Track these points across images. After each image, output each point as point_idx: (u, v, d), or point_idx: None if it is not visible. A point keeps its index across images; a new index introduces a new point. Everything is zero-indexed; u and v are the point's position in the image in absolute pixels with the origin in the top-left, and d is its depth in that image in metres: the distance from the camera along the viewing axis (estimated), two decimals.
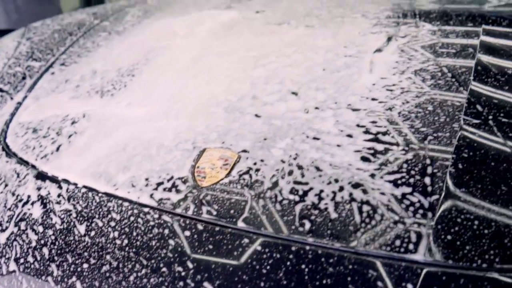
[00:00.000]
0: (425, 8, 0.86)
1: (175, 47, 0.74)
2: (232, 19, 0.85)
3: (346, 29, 0.74)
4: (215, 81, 0.60)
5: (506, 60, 0.59)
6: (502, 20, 0.76)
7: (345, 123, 0.49)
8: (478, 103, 0.50)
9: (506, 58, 0.60)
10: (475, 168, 0.42)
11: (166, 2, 1.18)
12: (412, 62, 0.60)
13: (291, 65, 0.62)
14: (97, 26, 0.96)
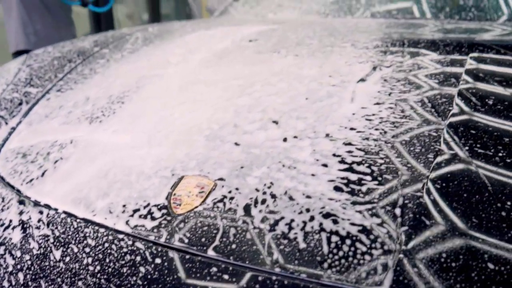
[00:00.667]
0: (414, 37, 0.87)
1: (166, 76, 0.76)
2: (225, 47, 0.88)
3: (334, 58, 0.75)
4: (200, 110, 0.62)
5: (490, 89, 0.60)
6: (494, 48, 0.76)
7: (321, 152, 0.50)
8: (455, 134, 0.50)
9: (490, 87, 0.60)
10: (447, 200, 0.42)
11: (166, 29, 1.21)
12: (394, 92, 0.60)
13: (275, 94, 0.63)
14: (96, 54, 0.99)
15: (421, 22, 1.17)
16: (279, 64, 0.75)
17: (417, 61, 0.71)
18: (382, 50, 0.78)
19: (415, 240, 0.39)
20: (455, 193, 0.42)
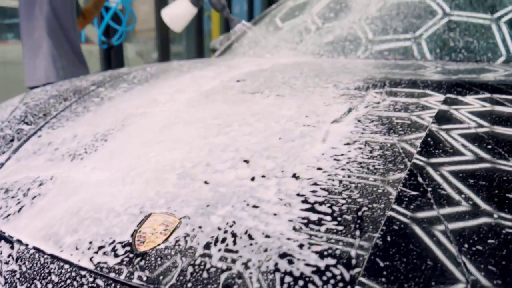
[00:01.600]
0: (396, 78, 0.89)
1: (150, 114, 0.79)
2: (213, 87, 0.91)
3: (313, 99, 0.77)
4: (176, 148, 0.64)
5: (461, 132, 0.60)
6: (473, 89, 0.78)
7: (286, 192, 0.51)
8: (418, 175, 0.51)
9: (461, 129, 0.61)
10: (402, 244, 0.42)
11: (163, 69, 1.26)
12: (365, 133, 0.62)
13: (250, 133, 0.65)
14: (92, 92, 1.03)
15: (411, 63, 1.20)
16: (260, 104, 0.77)
17: (393, 102, 0.73)
18: (362, 91, 0.80)
19: (370, 283, 0.39)
20: (409, 236, 0.43)
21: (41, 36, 1.87)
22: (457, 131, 0.61)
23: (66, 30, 1.95)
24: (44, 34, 1.86)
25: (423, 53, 1.35)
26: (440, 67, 1.11)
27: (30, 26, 1.87)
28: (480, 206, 0.45)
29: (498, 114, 0.66)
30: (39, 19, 1.86)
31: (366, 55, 1.40)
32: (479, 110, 0.68)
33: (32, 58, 1.91)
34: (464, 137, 0.59)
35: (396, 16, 1.52)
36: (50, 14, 1.86)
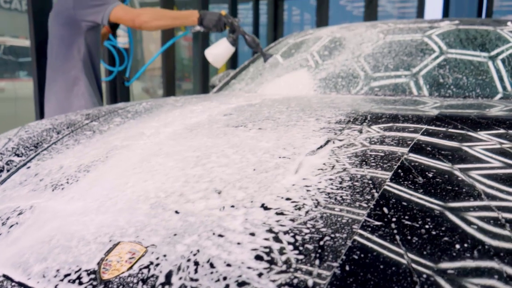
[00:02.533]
0: (379, 112, 0.91)
1: (134, 147, 0.81)
2: (199, 121, 0.93)
3: (294, 132, 0.79)
4: (153, 179, 0.65)
5: (430, 163, 0.61)
6: (452, 123, 0.79)
7: (252, 221, 0.51)
8: (384, 206, 0.51)
9: (430, 161, 0.62)
10: (359, 274, 0.42)
11: (158, 104, 1.29)
12: (337, 165, 0.63)
13: (226, 165, 0.66)
14: (85, 126, 1.07)
15: (400, 99, 1.22)
16: (241, 137, 0.79)
17: (370, 135, 0.74)
18: (342, 124, 0.82)
19: None
20: (369, 266, 0.43)
21: (78, 75, 1.98)
22: (428, 164, 0.61)
23: (96, 68, 2.07)
24: (81, 73, 1.98)
25: (418, 90, 1.38)
26: (429, 103, 1.13)
27: (66, 66, 1.97)
28: (441, 238, 0.46)
29: (469, 147, 0.67)
30: (77, 59, 1.97)
31: (362, 91, 1.43)
32: (452, 144, 0.69)
33: (67, 96, 2.00)
34: (434, 171, 0.60)
35: (390, 54, 1.56)
36: (86, 55, 1.98)
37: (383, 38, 1.71)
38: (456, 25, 1.69)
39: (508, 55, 1.48)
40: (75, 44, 1.98)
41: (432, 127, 0.77)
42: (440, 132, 0.75)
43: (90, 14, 1.93)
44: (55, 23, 1.99)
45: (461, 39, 1.60)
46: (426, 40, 1.61)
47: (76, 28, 1.95)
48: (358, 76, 1.51)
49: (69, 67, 1.99)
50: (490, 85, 1.37)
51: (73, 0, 1.91)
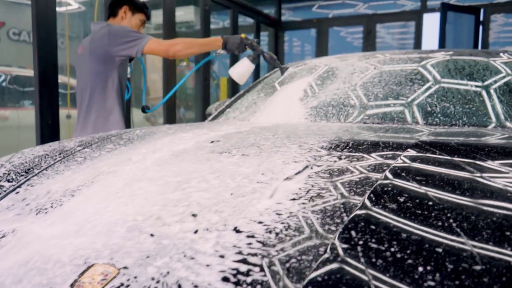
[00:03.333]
0: (362, 139, 0.93)
1: (119, 172, 0.83)
2: (185, 148, 0.96)
3: (275, 157, 0.81)
4: (133, 203, 0.67)
5: (403, 189, 0.63)
6: (432, 150, 0.81)
7: (223, 244, 0.53)
8: (352, 230, 0.53)
9: (403, 187, 0.63)
10: None
11: (151, 131, 1.32)
12: (312, 190, 0.64)
13: (205, 189, 0.68)
14: (77, 152, 1.09)
15: (388, 126, 1.25)
16: (224, 162, 0.81)
17: (349, 160, 0.76)
18: (323, 151, 0.84)
19: None
20: None
21: (113, 105, 2.16)
22: (401, 190, 0.63)
23: (123, 97, 2.25)
24: (115, 102, 2.16)
25: (411, 118, 1.40)
26: (417, 130, 1.15)
27: (103, 97, 2.15)
28: (404, 262, 0.47)
29: (444, 175, 0.69)
30: (112, 90, 2.16)
31: (353, 119, 1.46)
32: (428, 169, 0.71)
33: (104, 124, 2.17)
34: (405, 195, 0.61)
35: (381, 83, 1.60)
36: (118, 85, 2.17)
37: (374, 68, 1.75)
38: (450, 56, 1.73)
39: (500, 85, 1.51)
40: (110, 77, 2.14)
41: (411, 153, 0.79)
42: (417, 158, 0.76)
43: (125, 50, 2.10)
44: (91, 60, 2.15)
45: (454, 69, 1.63)
46: (420, 69, 1.65)
47: (111, 63, 2.13)
48: (349, 104, 1.54)
49: (105, 98, 2.14)
50: (483, 114, 1.40)
51: (108, 38, 2.08)
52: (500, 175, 0.67)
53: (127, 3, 2.27)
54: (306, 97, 1.69)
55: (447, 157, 0.77)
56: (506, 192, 0.60)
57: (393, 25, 7.67)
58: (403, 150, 0.82)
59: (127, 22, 2.26)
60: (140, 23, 2.31)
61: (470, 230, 0.51)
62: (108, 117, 2.17)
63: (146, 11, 2.33)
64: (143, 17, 2.31)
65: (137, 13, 2.29)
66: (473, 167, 0.71)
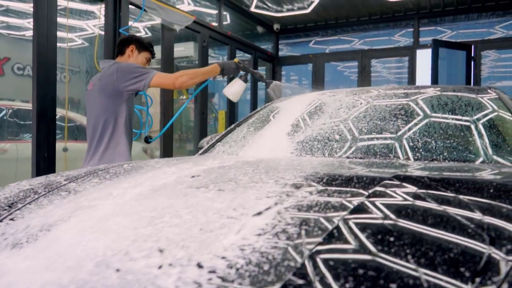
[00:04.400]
0: (338, 173, 0.96)
1: (98, 207, 0.85)
2: (166, 183, 0.98)
3: (249, 193, 0.83)
4: (105, 238, 0.68)
5: (365, 224, 0.65)
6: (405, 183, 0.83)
7: (184, 279, 0.54)
8: (310, 266, 0.54)
9: (365, 222, 0.65)
10: None
11: (138, 165, 1.35)
12: (278, 225, 0.66)
13: (176, 225, 0.70)
14: (63, 187, 1.11)
15: (370, 161, 1.27)
16: (199, 197, 0.83)
17: (319, 196, 0.78)
18: (297, 186, 0.86)
19: None
20: None
21: (121, 136, 2.32)
22: (364, 226, 0.65)
23: (131, 129, 2.42)
24: (123, 134, 2.33)
25: (394, 153, 1.43)
26: (398, 165, 1.17)
27: (111, 130, 2.32)
28: None
29: (411, 209, 0.71)
30: (120, 123, 2.33)
31: (338, 154, 1.49)
32: (396, 205, 0.73)
33: (113, 154, 2.32)
34: (368, 231, 0.63)
35: (366, 118, 1.64)
36: (126, 118, 2.34)
37: (360, 103, 1.80)
38: (439, 92, 1.78)
39: (486, 121, 1.55)
40: (119, 111, 2.31)
41: (380, 189, 0.81)
42: (387, 194, 0.79)
43: (132, 84, 2.27)
44: (100, 95, 2.32)
45: (437, 105, 1.68)
46: (404, 105, 1.70)
47: (119, 97, 2.29)
48: (334, 139, 1.57)
49: (114, 130, 2.30)
50: (469, 149, 1.43)
51: (117, 75, 2.26)
52: (461, 210, 0.69)
53: (134, 42, 2.47)
54: (293, 131, 1.73)
55: (419, 191, 0.79)
56: (464, 226, 0.62)
57: (388, 60, 7.86)
58: (374, 186, 0.84)
59: (133, 59, 2.45)
60: (146, 60, 2.51)
61: (426, 265, 0.53)
62: (115, 147, 2.31)
63: (151, 50, 2.54)
64: (148, 55, 2.51)
65: (143, 51, 2.49)
66: (440, 202, 0.73)
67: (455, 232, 0.62)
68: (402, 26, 7.10)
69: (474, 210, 0.70)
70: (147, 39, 2.57)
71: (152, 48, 2.53)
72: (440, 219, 0.66)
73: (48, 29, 2.83)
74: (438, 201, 0.74)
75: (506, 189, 0.85)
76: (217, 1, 5.58)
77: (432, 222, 0.65)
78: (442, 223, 0.65)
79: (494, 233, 0.61)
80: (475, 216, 0.67)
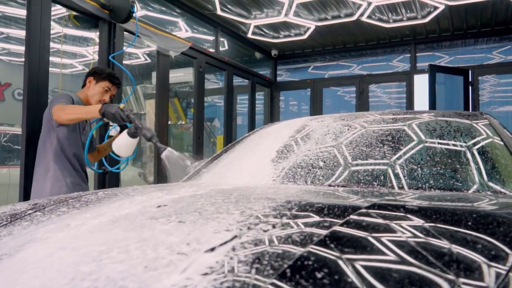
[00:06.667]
0: (309, 202, 0.91)
1: (49, 240, 0.80)
2: (128, 213, 0.93)
3: (210, 225, 0.78)
4: (43, 275, 0.63)
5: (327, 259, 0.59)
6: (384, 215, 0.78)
7: None
8: None
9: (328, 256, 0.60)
10: None
11: (112, 193, 1.30)
12: (229, 263, 0.61)
13: (122, 261, 0.65)
14: (26, 216, 1.06)
15: (354, 190, 1.22)
16: (156, 230, 0.78)
17: (283, 228, 0.73)
18: (262, 218, 0.81)
19: None
20: None
21: (50, 164, 2.38)
22: (321, 263, 0.60)
23: (68, 157, 2.43)
24: (52, 162, 2.38)
25: (378, 181, 1.38)
26: (379, 193, 1.12)
27: (43, 156, 2.41)
28: None
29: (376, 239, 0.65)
30: (49, 150, 2.39)
31: (319, 182, 1.44)
32: (359, 240, 0.68)
33: (43, 180, 2.39)
34: (325, 271, 0.58)
35: (352, 145, 1.60)
36: (58, 147, 2.39)
37: (347, 128, 1.76)
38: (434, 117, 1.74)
39: (479, 147, 1.50)
40: (48, 139, 2.39)
41: (355, 218, 0.76)
42: (358, 225, 0.73)
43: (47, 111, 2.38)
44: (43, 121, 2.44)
45: (426, 130, 1.63)
46: (392, 131, 1.65)
47: (50, 124, 2.39)
48: (318, 166, 1.53)
49: (44, 157, 2.39)
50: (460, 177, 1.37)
51: (49, 103, 2.37)
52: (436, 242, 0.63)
53: (92, 74, 2.55)
54: (277, 158, 1.68)
55: (390, 223, 0.74)
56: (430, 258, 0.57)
57: (388, 85, 7.90)
58: (345, 217, 0.79)
59: (91, 90, 2.52)
60: (103, 90, 2.53)
61: None
62: (46, 174, 2.38)
63: (110, 79, 2.54)
64: (106, 84, 2.53)
65: (100, 81, 2.52)
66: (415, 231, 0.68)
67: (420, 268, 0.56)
68: (399, 51, 7.16)
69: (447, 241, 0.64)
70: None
71: (111, 77, 2.53)
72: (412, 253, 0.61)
73: (40, 55, 2.84)
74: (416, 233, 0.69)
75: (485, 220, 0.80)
76: (214, 27, 5.65)
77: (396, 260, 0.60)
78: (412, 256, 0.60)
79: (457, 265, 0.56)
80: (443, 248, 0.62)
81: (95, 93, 2.50)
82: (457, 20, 5.96)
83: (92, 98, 2.50)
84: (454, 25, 6.16)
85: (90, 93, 2.51)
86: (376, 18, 5.84)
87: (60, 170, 2.39)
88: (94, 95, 2.49)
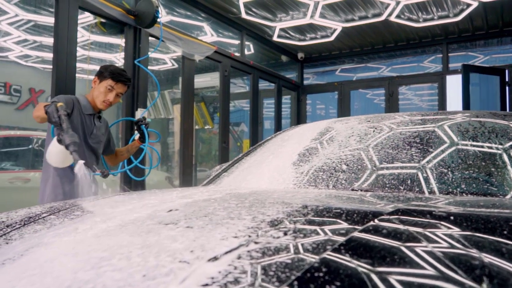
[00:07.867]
0: (326, 207, 0.85)
1: (55, 244, 0.78)
2: (137, 217, 0.90)
3: (218, 231, 0.74)
4: (40, 283, 0.61)
5: (340, 271, 0.54)
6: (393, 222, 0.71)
7: None
8: None
9: (342, 269, 0.54)
10: None
11: (130, 197, 1.28)
12: (232, 274, 0.56)
13: (121, 269, 0.61)
14: (40, 220, 1.06)
15: (377, 194, 1.15)
16: (161, 236, 0.74)
17: (293, 236, 0.68)
18: (274, 224, 0.76)
19: None
20: None
21: (50, 169, 2.35)
22: (332, 276, 0.54)
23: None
24: (51, 168, 2.33)
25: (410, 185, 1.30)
26: (404, 199, 1.05)
27: (46, 161, 2.34)
28: None
29: (399, 249, 0.59)
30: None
31: (342, 186, 1.37)
32: (381, 244, 0.61)
33: (44, 186, 2.39)
34: (337, 284, 0.52)
35: (376, 148, 1.52)
36: None
37: (372, 130, 1.68)
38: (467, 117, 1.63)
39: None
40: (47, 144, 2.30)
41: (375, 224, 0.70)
42: (377, 233, 0.67)
43: None
44: None
45: (457, 131, 1.52)
46: (421, 133, 1.56)
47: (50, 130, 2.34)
48: (340, 170, 1.46)
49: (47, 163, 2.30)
50: (496, 182, 1.27)
51: None
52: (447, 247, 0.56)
53: (97, 74, 2.47)
54: (299, 161, 1.62)
55: (416, 228, 0.67)
56: None
57: (420, 86, 7.65)
58: (363, 223, 0.73)
59: (95, 90, 2.43)
60: (106, 89, 2.41)
61: None
62: (47, 180, 2.36)
63: (113, 76, 2.41)
64: (109, 83, 2.40)
65: (103, 80, 2.42)
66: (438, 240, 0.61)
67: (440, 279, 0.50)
68: (430, 52, 6.93)
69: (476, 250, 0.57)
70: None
71: (113, 74, 2.40)
72: None
73: (67, 61, 2.90)
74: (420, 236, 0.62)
75: None
76: (239, 31, 5.65)
77: None
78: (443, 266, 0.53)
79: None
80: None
81: (98, 93, 2.39)
82: (492, 17, 5.70)
83: (96, 98, 2.40)
84: (489, 23, 5.90)
85: (95, 93, 2.41)
86: (405, 17, 5.67)
87: (59, 177, 2.33)
88: (98, 96, 2.39)
